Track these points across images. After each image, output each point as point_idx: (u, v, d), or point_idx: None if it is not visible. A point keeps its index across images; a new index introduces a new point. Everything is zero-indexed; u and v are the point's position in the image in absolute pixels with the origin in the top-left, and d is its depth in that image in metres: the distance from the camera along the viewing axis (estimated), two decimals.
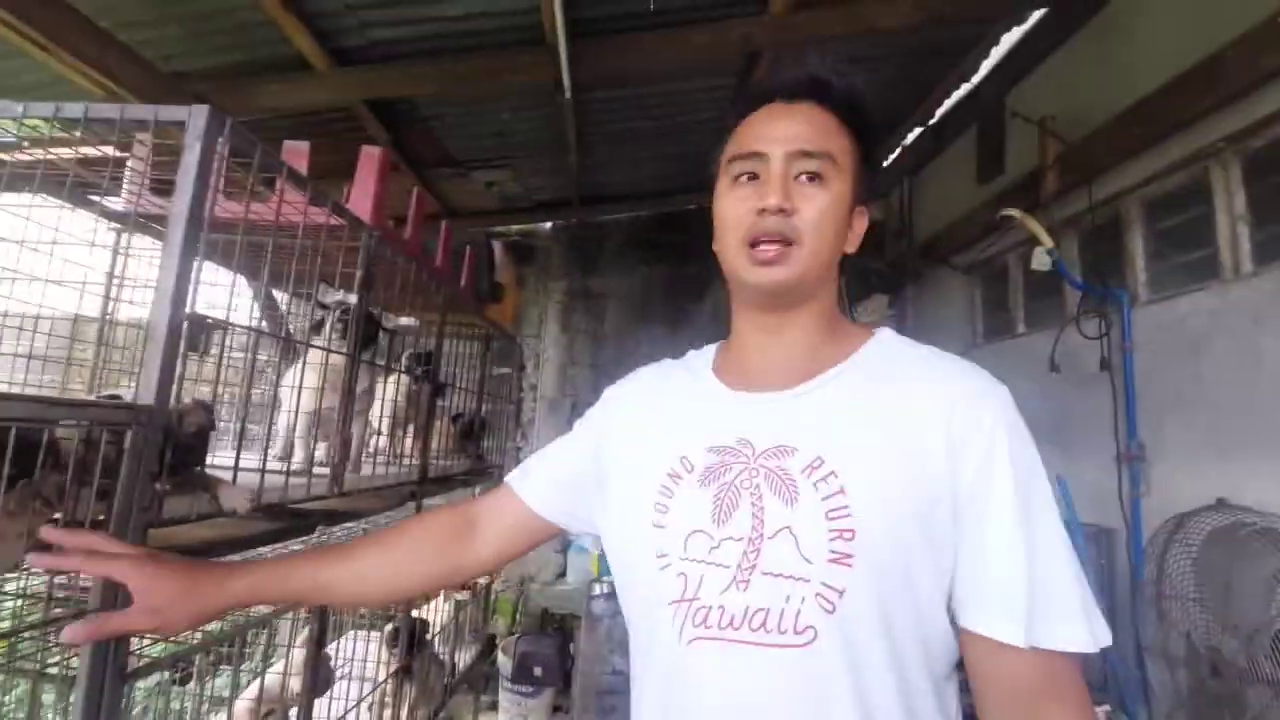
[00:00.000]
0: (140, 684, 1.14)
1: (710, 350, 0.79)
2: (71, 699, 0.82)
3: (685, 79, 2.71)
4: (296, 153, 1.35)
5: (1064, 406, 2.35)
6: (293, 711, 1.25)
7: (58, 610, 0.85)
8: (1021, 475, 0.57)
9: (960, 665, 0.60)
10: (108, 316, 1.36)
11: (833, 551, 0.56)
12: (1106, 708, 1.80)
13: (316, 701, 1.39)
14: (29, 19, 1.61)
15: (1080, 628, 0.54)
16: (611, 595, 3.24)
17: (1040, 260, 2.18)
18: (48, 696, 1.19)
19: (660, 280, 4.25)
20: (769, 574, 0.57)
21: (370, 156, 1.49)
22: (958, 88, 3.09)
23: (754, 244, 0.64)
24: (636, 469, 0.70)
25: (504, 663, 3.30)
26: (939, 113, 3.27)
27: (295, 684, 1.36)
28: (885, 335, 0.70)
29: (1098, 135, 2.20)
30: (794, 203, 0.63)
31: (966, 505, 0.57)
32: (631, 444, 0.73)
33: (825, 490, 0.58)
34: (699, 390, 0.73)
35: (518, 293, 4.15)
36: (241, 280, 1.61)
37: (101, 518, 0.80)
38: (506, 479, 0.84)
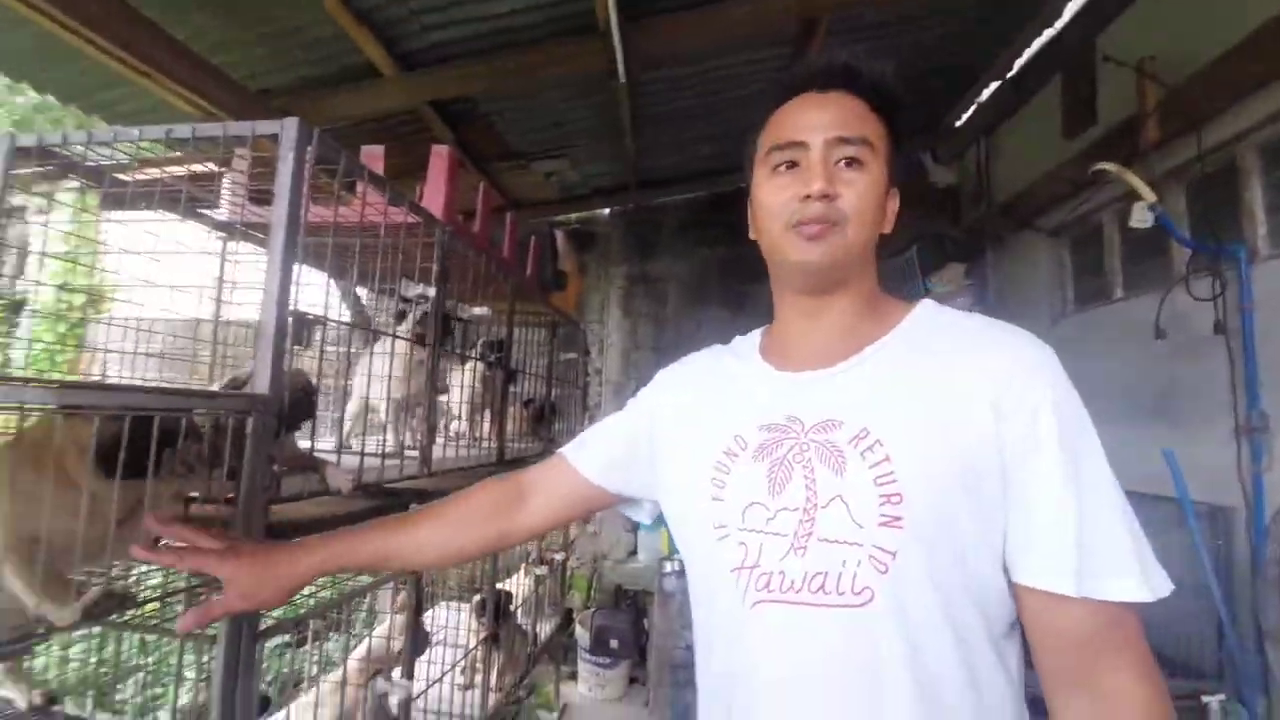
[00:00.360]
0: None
1: (756, 335, 0.82)
2: (212, 653, 0.93)
3: (734, 54, 2.65)
4: (373, 156, 1.43)
5: (1171, 375, 2.16)
6: (395, 671, 1.36)
7: (196, 580, 0.97)
8: (1069, 431, 0.58)
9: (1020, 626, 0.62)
10: (221, 318, 1.51)
11: (882, 515, 0.59)
12: (1221, 697, 1.67)
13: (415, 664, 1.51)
14: (130, 48, 1.78)
15: (1134, 579, 0.55)
16: (683, 573, 3.29)
17: (1140, 217, 2.00)
18: (187, 656, 1.35)
19: (718, 262, 4.21)
20: (825, 540, 0.61)
21: (440, 156, 1.56)
22: (1039, 35, 2.85)
23: (798, 226, 0.67)
24: (692, 448, 0.74)
25: (581, 635, 3.43)
26: (1018, 64, 3.03)
27: (396, 645, 1.48)
28: (927, 306, 0.71)
29: (1204, 76, 1.97)
30: (836, 188, 0.65)
31: (1014, 468, 0.58)
32: (686, 424, 0.78)
33: (872, 459, 0.61)
34: (748, 373, 0.76)
35: (580, 280, 4.22)
36: (328, 278, 1.73)
37: (231, 495, 0.90)
38: (560, 450, 0.90)
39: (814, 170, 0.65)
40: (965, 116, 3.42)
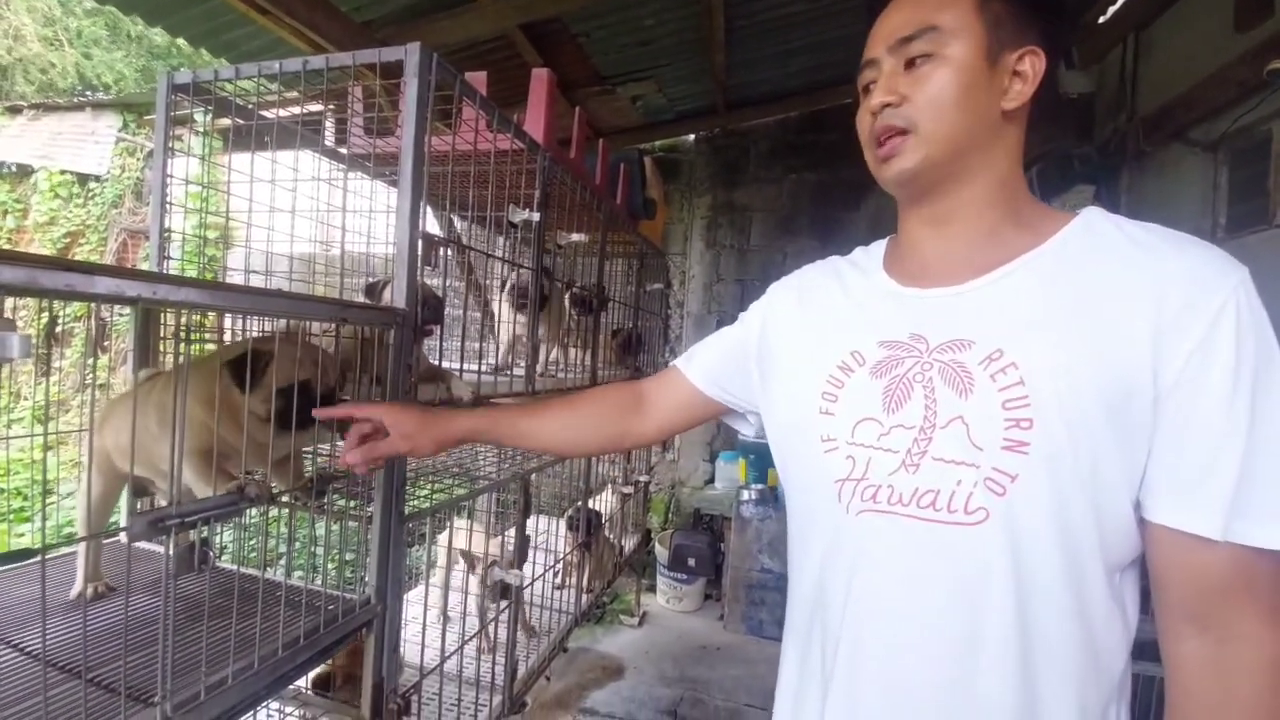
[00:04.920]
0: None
1: (879, 247, 0.78)
2: (369, 535, 1.09)
3: None
4: (478, 82, 1.46)
5: None
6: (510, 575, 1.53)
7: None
8: (1247, 360, 0.52)
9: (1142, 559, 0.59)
10: (339, 245, 1.64)
11: (1007, 439, 0.56)
12: None
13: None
14: None
15: None
16: (759, 501, 3.39)
17: None
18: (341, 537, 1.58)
19: (809, 189, 4.00)
20: (939, 459, 0.59)
21: (540, 79, 1.57)
22: None
23: (879, 144, 0.65)
24: (805, 360, 0.73)
25: (661, 553, 3.65)
26: None
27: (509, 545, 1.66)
28: (1091, 217, 0.63)
29: None
30: (901, 91, 0.63)
31: (1174, 391, 0.53)
32: (799, 336, 0.76)
33: (1004, 381, 0.57)
34: (870, 287, 0.73)
35: (666, 209, 4.17)
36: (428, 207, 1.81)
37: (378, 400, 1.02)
38: (673, 362, 0.93)
39: (879, 83, 0.65)
40: (1112, 10, 2.96)
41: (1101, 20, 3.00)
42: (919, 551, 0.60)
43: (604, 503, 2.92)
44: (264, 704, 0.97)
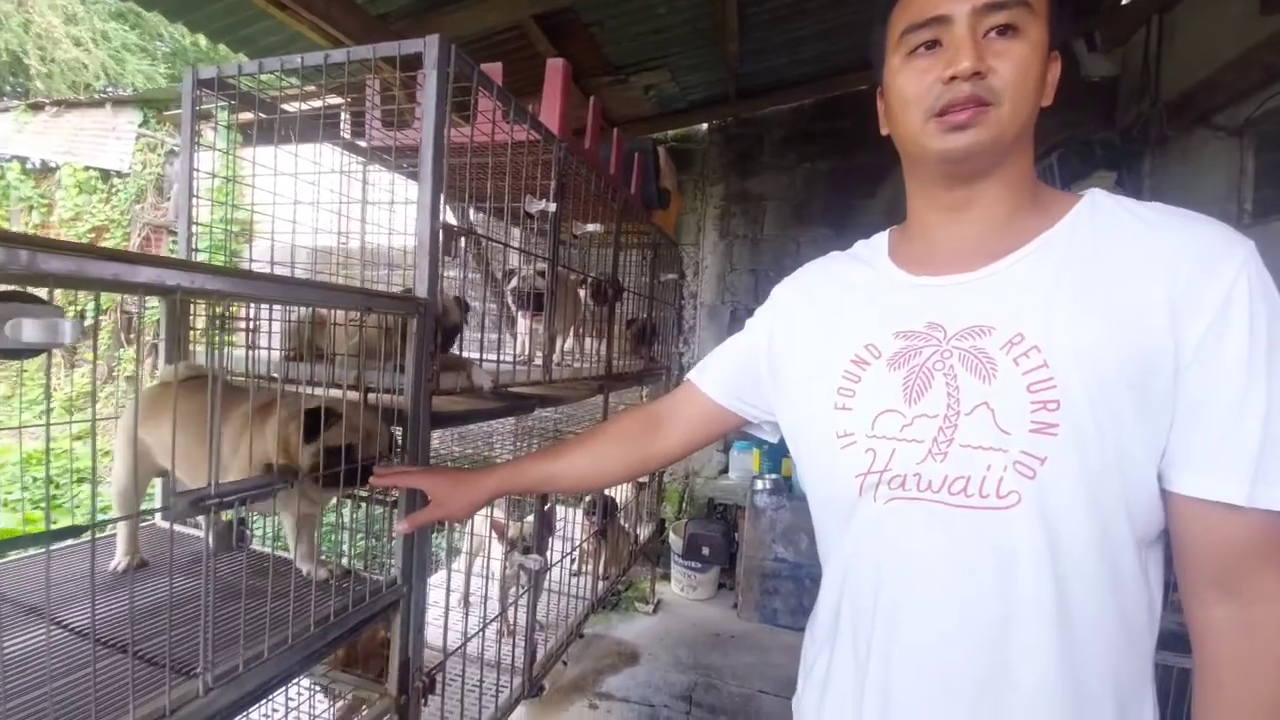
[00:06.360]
0: None
1: (881, 238, 0.77)
2: (396, 520, 1.12)
3: None
4: (493, 73, 1.47)
5: None
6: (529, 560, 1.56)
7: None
8: (1261, 331, 0.52)
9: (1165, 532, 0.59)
10: (358, 238, 1.66)
11: (1034, 422, 0.56)
12: None
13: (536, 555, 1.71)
14: None
15: None
16: (774, 491, 3.39)
17: None
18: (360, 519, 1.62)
19: (823, 176, 3.97)
20: (967, 446, 0.59)
21: (555, 69, 1.57)
22: None
23: (943, 113, 0.60)
24: (816, 358, 0.72)
25: (675, 541, 3.67)
26: None
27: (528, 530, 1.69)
28: (1097, 197, 0.63)
29: None
30: (986, 63, 0.58)
31: (1192, 363, 0.54)
32: (808, 334, 0.75)
33: (1027, 365, 0.57)
34: (878, 279, 0.72)
35: (679, 199, 4.17)
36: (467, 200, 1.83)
37: (403, 389, 1.05)
38: (687, 376, 0.93)
39: (960, 46, 0.58)
40: None
41: (1125, 1, 2.93)
42: (952, 537, 0.59)
43: (619, 491, 2.95)
44: (295, 680, 1.01)
